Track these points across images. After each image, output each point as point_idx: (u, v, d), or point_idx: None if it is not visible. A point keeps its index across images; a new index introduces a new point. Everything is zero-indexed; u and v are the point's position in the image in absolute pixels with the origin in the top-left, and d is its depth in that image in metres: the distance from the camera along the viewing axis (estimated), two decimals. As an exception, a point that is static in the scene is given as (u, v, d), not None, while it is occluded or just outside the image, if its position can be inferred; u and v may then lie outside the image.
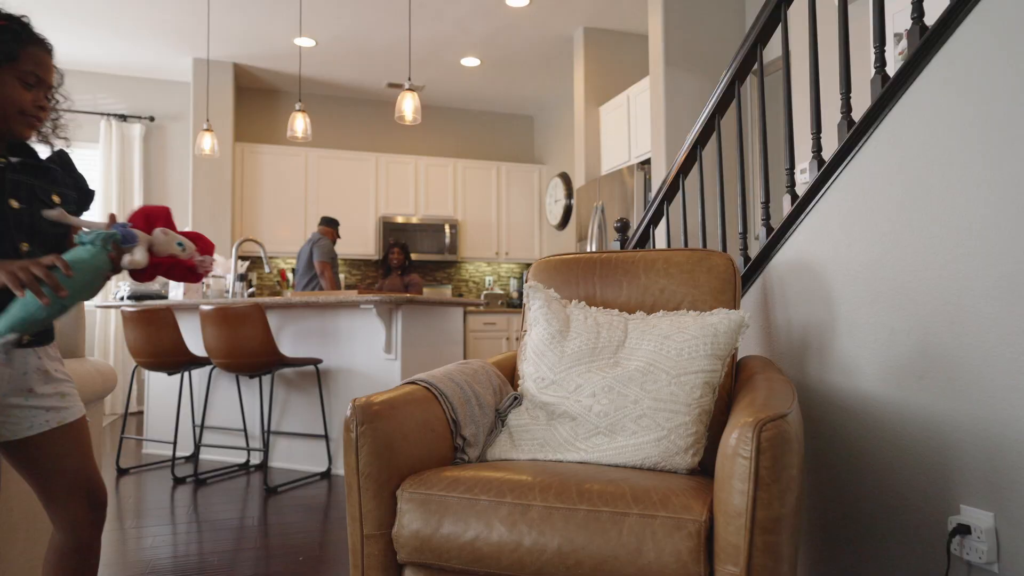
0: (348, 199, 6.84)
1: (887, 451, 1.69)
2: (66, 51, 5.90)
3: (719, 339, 1.69)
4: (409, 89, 3.91)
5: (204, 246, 1.46)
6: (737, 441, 1.21)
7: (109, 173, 6.29)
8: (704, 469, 1.69)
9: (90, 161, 6.39)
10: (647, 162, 4.81)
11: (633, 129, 5.14)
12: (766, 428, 1.18)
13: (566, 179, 6.86)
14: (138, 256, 1.30)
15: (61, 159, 1.46)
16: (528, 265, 7.69)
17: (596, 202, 5.19)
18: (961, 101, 1.54)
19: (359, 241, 6.85)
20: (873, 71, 1.77)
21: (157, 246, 1.36)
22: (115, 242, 1.28)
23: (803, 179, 3.45)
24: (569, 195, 6.78)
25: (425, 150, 7.51)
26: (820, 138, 1.98)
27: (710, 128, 2.46)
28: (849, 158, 1.83)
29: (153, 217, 1.40)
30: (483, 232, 7.31)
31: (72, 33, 5.53)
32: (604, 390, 1.68)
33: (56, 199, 1.39)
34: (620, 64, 5.68)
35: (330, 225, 5.58)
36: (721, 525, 1.22)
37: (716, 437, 1.74)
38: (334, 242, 5.57)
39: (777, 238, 2.08)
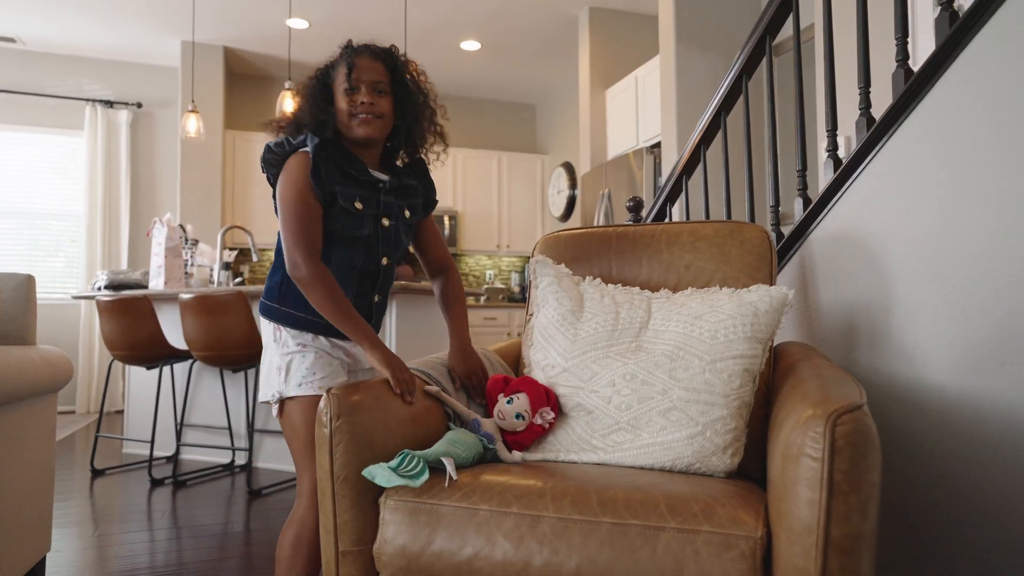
0: (343, 189, 6.58)
1: (964, 450, 1.44)
2: (49, 34, 5.65)
3: (759, 319, 1.44)
4: (405, 64, 3.65)
5: (535, 397, 1.48)
6: (802, 438, 0.96)
7: (94, 161, 6.03)
8: (742, 472, 1.45)
9: (75, 148, 6.14)
10: (656, 146, 4.56)
11: (641, 112, 4.89)
12: (841, 421, 0.93)
13: (569, 169, 6.61)
14: (507, 456, 1.43)
15: (418, 169, 1.62)
16: (530, 259, 7.44)
17: (603, 189, 4.94)
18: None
19: (355, 233, 6.60)
20: (937, 9, 1.52)
21: (505, 427, 1.47)
22: (484, 446, 1.41)
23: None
24: (573, 185, 6.53)
25: (423, 139, 7.25)
26: (869, 93, 1.73)
27: (736, 91, 2.21)
28: (907, 113, 1.58)
29: (491, 394, 1.54)
30: (483, 224, 7.06)
31: (56, 15, 5.28)
32: (625, 378, 1.43)
33: (407, 213, 1.57)
34: (627, 45, 5.43)
35: None
36: (783, 544, 0.97)
37: (754, 435, 1.50)
38: None
39: (817, 209, 1.84)
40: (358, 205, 1.47)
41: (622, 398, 1.41)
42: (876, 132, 1.65)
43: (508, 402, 1.46)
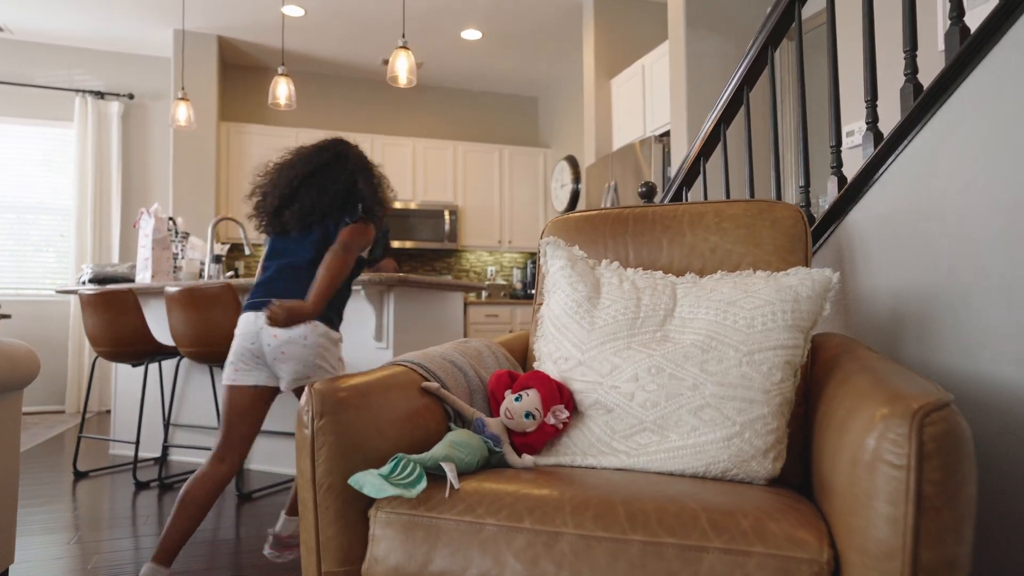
0: (341, 183, 6.41)
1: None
2: (38, 22, 5.48)
3: (800, 305, 1.27)
4: (403, 47, 3.49)
5: (547, 394, 1.31)
6: (878, 441, 0.79)
7: (84, 154, 5.86)
8: (782, 478, 1.28)
9: (64, 141, 5.97)
10: (665, 135, 4.39)
11: (649, 101, 4.72)
12: (930, 421, 0.76)
13: (573, 163, 6.44)
14: (516, 460, 1.27)
15: None
16: (533, 254, 7.27)
17: (609, 181, 4.77)
18: None
19: (353, 228, 6.42)
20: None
21: (513, 427, 1.31)
22: (490, 449, 1.26)
23: (851, 142, 3.04)
24: (576, 179, 6.36)
25: (423, 132, 7.09)
26: (916, 57, 1.56)
27: (761, 62, 2.04)
28: (963, 76, 1.41)
29: (496, 392, 1.39)
30: (484, 219, 6.89)
31: (45, 3, 5.11)
32: (650, 372, 1.26)
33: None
34: (633, 33, 5.26)
35: None
36: (856, 570, 0.80)
37: (791, 436, 1.33)
38: None
39: (856, 188, 1.67)
40: None
41: (647, 394, 1.24)
42: (926, 99, 1.48)
43: (516, 399, 1.29)
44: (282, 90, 3.97)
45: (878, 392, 0.89)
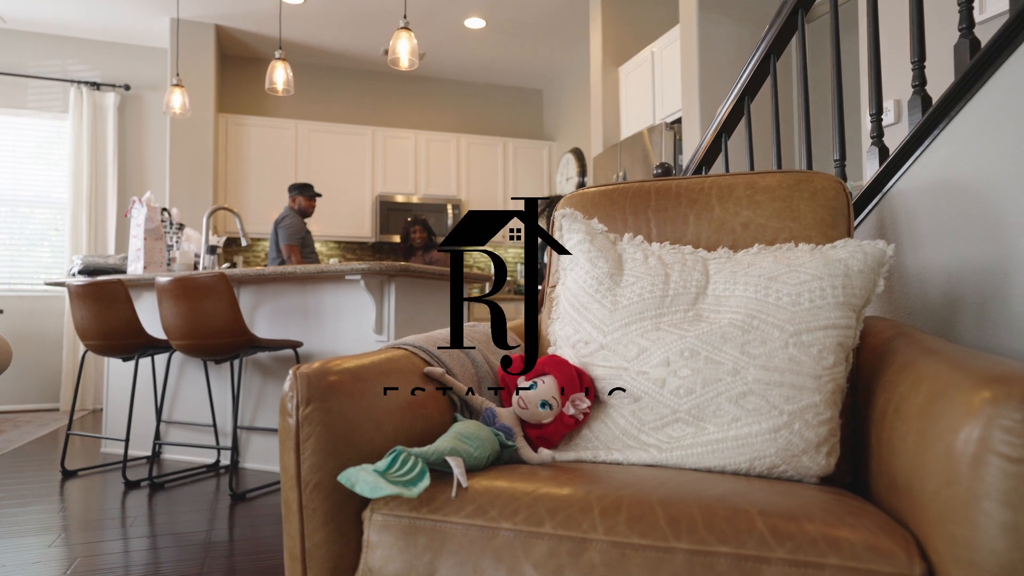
0: (342, 176, 6.27)
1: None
2: (32, 12, 5.35)
3: (852, 280, 1.12)
4: (404, 28, 3.34)
5: (566, 380, 1.17)
6: (985, 430, 0.64)
7: (80, 146, 5.73)
8: (831, 476, 1.13)
9: (58, 133, 5.83)
10: (676, 123, 4.24)
11: (658, 88, 4.57)
12: (1056, 403, 0.61)
13: (578, 155, 6.30)
14: (531, 455, 1.14)
15: None
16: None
17: (617, 171, 4.62)
18: None
19: (354, 222, 6.28)
20: None
21: (527, 418, 1.18)
22: (501, 443, 1.13)
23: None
24: (582, 172, 6.21)
25: (426, 124, 6.94)
26: (972, 10, 1.41)
27: (790, 28, 1.88)
28: (1027, 26, 1.26)
29: (508, 379, 1.26)
30: (488, 213, 6.74)
31: (33, -14, 4.98)
32: (683, 355, 1.11)
33: None
34: (641, 19, 5.11)
35: (300, 192, 4.81)
36: (961, 587, 0.65)
37: (842, 429, 1.18)
38: (307, 212, 4.87)
39: (902, 157, 1.51)
40: None
41: (680, 381, 1.09)
42: (985, 56, 1.33)
43: (531, 387, 1.14)
44: (279, 75, 3.83)
45: (966, 375, 0.74)
